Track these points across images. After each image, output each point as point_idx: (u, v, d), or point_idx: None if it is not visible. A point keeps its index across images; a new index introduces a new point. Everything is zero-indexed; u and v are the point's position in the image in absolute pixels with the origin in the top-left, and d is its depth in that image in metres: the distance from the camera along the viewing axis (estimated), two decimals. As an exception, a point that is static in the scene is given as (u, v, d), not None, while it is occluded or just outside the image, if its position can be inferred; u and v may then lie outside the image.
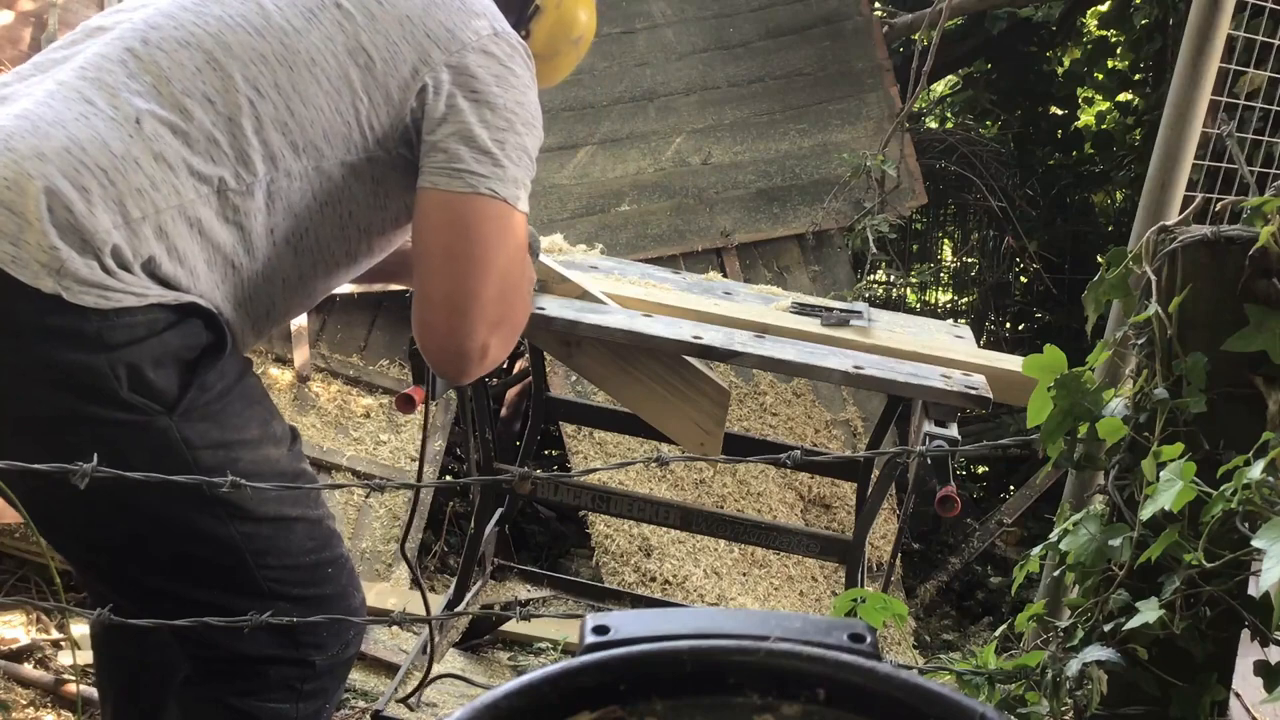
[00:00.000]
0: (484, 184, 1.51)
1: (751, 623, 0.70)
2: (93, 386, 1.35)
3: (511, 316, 1.63)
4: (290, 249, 1.54)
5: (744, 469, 4.15)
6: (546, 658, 3.37)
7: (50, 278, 1.32)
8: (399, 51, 1.53)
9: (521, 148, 1.57)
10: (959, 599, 4.90)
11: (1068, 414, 1.34)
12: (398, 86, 1.53)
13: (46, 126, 1.37)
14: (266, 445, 1.50)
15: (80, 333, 1.34)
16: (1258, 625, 1.26)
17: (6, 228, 1.32)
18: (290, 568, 1.51)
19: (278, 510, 1.50)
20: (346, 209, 1.57)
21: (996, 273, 6.59)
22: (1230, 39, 2.57)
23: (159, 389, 1.38)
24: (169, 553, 1.46)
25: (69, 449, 1.31)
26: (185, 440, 1.40)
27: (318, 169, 1.51)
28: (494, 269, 1.53)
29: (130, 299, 1.36)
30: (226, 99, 1.45)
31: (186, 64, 1.45)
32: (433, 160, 1.52)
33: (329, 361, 4.14)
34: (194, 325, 1.43)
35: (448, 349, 1.55)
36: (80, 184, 1.34)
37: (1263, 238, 1.24)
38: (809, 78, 4.97)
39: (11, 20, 3.79)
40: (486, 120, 1.53)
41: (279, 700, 1.55)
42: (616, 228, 4.61)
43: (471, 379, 1.62)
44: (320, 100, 1.50)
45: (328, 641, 1.57)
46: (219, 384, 1.45)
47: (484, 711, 0.63)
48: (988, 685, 1.42)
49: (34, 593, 2.99)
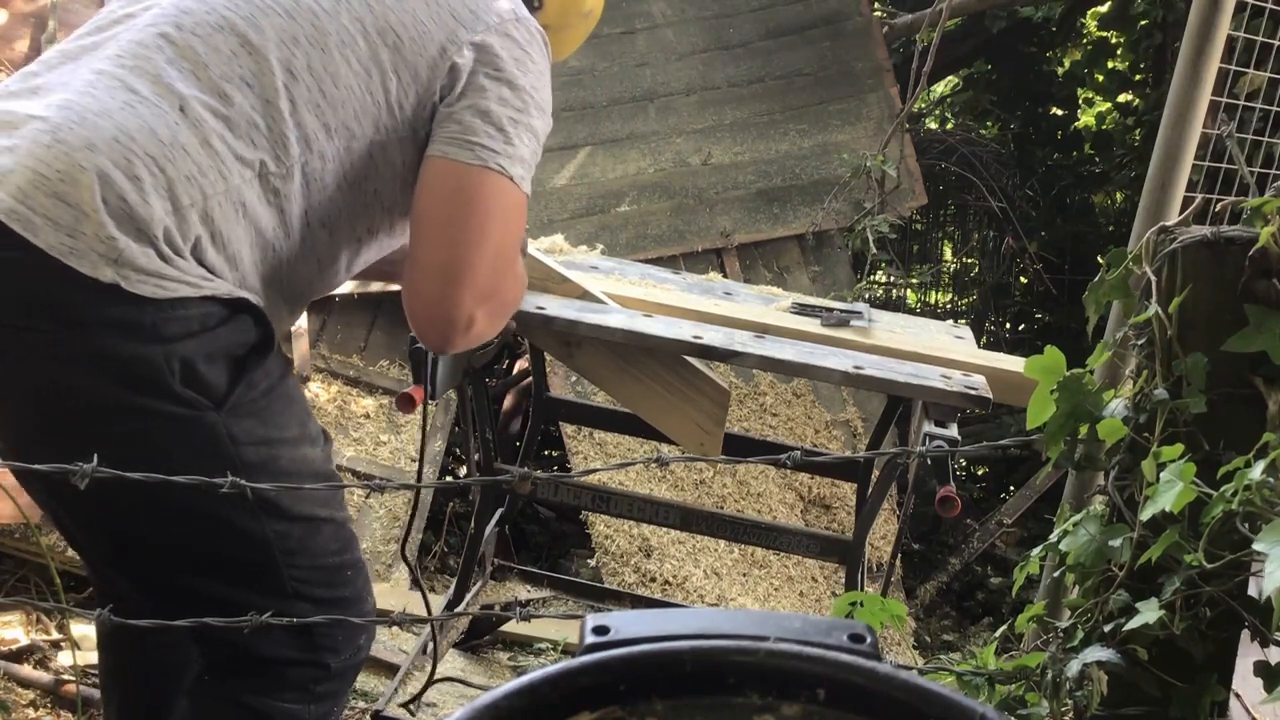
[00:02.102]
0: (493, 159, 1.53)
1: (751, 623, 0.70)
2: (147, 378, 1.36)
3: (501, 292, 1.64)
4: (325, 230, 1.56)
5: (744, 469, 4.14)
6: (546, 658, 3.37)
7: (109, 267, 1.33)
8: (426, 30, 1.55)
9: (531, 130, 1.59)
10: (959, 599, 4.90)
11: (1068, 415, 1.34)
12: (426, 65, 1.54)
13: (94, 117, 1.37)
14: (304, 444, 1.52)
15: (138, 324, 1.35)
16: (1258, 626, 1.25)
17: (63, 219, 1.32)
18: (315, 568, 1.53)
19: (310, 510, 1.51)
20: (373, 187, 1.59)
21: (996, 273, 6.60)
22: (1230, 39, 2.57)
23: (210, 384, 1.40)
24: (201, 548, 1.47)
25: (118, 439, 1.33)
26: (231, 436, 1.42)
27: (348, 149, 1.53)
28: (490, 242, 1.55)
29: (186, 289, 1.37)
30: (263, 82, 1.46)
31: (222, 48, 1.46)
32: (446, 130, 1.54)
33: (329, 362, 4.14)
34: (244, 322, 1.45)
35: (435, 316, 1.56)
36: (132, 173, 1.35)
37: (1263, 238, 1.24)
38: (809, 78, 4.97)
39: (9, 20, 3.79)
40: (504, 98, 1.55)
41: (293, 700, 1.56)
42: (616, 228, 4.61)
43: (455, 349, 1.63)
44: (351, 80, 1.51)
45: (342, 645, 1.58)
46: (264, 382, 1.47)
47: (484, 711, 0.63)
48: (988, 686, 1.42)
49: (34, 593, 2.98)
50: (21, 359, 1.37)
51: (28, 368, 1.37)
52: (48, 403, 1.38)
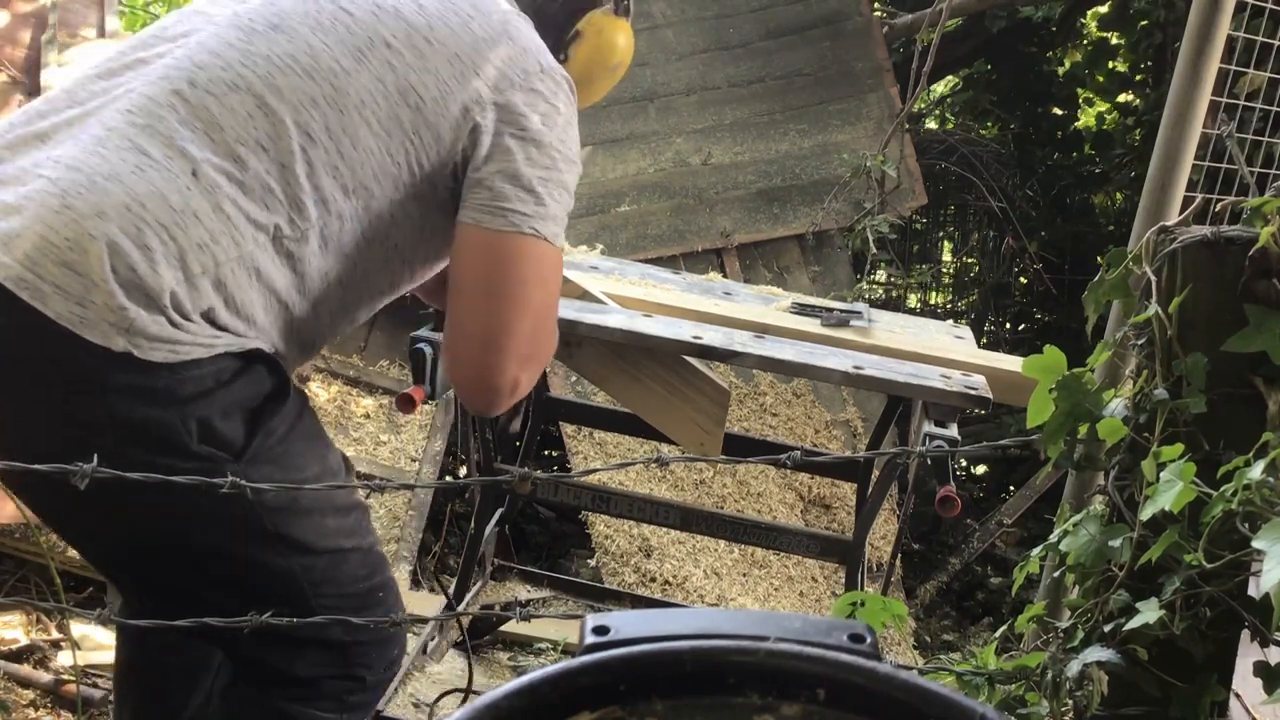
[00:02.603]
0: (527, 223, 1.51)
1: (751, 623, 0.70)
2: (165, 439, 1.35)
3: (541, 350, 1.63)
4: (342, 287, 1.54)
5: (744, 469, 4.14)
6: (546, 658, 3.37)
7: (121, 337, 1.31)
8: (449, 90, 1.50)
9: (563, 185, 1.57)
10: (959, 599, 4.90)
11: (1068, 415, 1.34)
12: (449, 126, 1.51)
13: (103, 181, 1.34)
14: (326, 479, 1.51)
15: (151, 390, 1.33)
16: (1258, 626, 1.25)
17: (72, 289, 1.30)
18: (345, 596, 1.53)
19: (335, 543, 1.51)
20: (393, 242, 1.56)
21: (996, 273, 6.58)
22: (1230, 40, 2.57)
23: (227, 439, 1.39)
24: (229, 585, 1.47)
25: (139, 500, 1.31)
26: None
27: (366, 208, 1.50)
28: (530, 306, 1.53)
29: (199, 350, 1.36)
30: (279, 145, 1.42)
31: (238, 109, 1.42)
32: (476, 196, 1.51)
33: (329, 362, 4.14)
34: (258, 372, 1.43)
35: (479, 383, 1.55)
36: (143, 242, 1.33)
37: (1263, 238, 1.24)
38: (809, 78, 4.97)
39: (9, 21, 3.79)
40: (532, 158, 1.53)
41: (327, 710, 1.57)
42: (616, 228, 4.61)
43: (501, 411, 1.63)
44: (370, 142, 1.47)
45: (375, 661, 1.59)
46: (281, 428, 1.45)
47: (484, 711, 0.63)
48: (988, 686, 1.41)
49: (34, 593, 2.98)
50: (37, 423, 1.37)
51: (43, 433, 1.36)
52: (80, 461, 1.37)
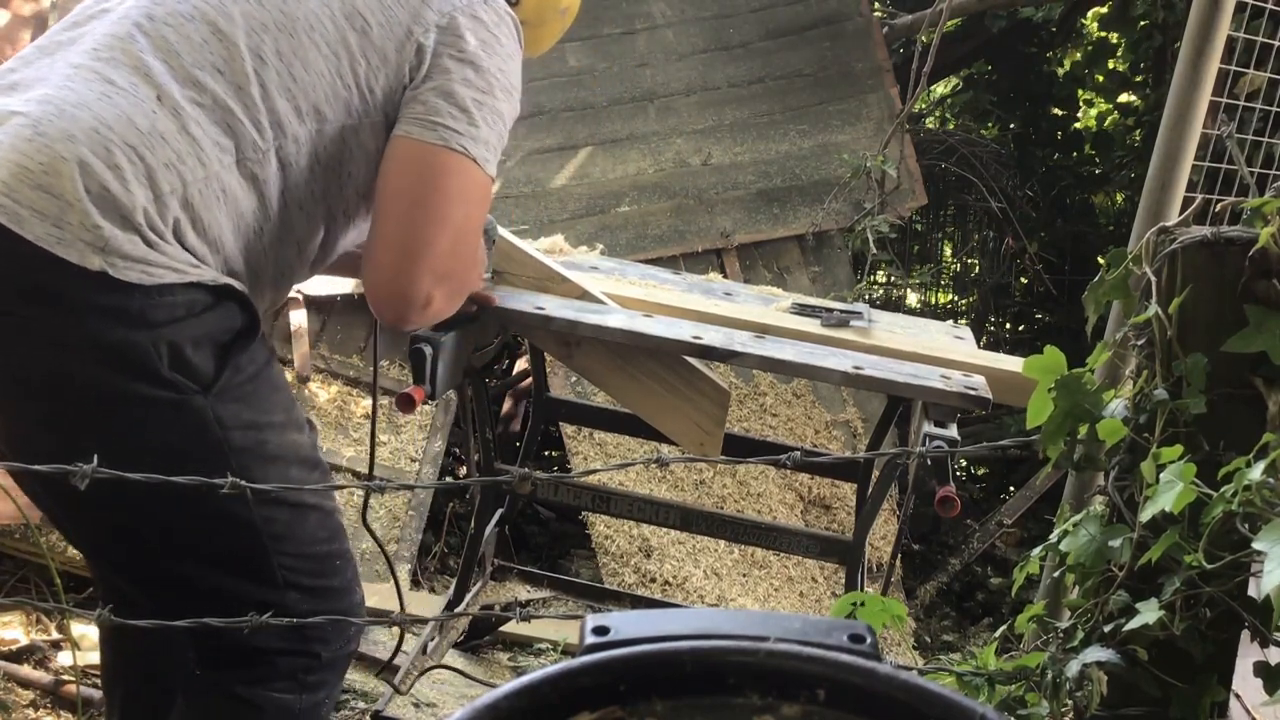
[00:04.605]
0: (456, 140, 1.55)
1: (751, 623, 0.70)
2: (138, 363, 1.38)
3: (459, 272, 1.66)
4: (303, 212, 1.58)
5: (744, 470, 4.14)
6: (546, 658, 3.37)
7: (97, 255, 1.34)
8: (393, 14, 1.58)
9: (497, 113, 1.61)
10: (959, 600, 4.90)
11: (1068, 415, 1.34)
12: (394, 48, 1.57)
13: (71, 109, 1.39)
14: (291, 430, 1.54)
15: (125, 310, 1.36)
16: (1258, 626, 1.26)
17: (48, 210, 1.34)
18: (304, 556, 1.54)
19: (297, 496, 1.52)
20: (347, 170, 1.61)
21: (996, 274, 6.59)
22: (1230, 40, 2.57)
23: (197, 368, 1.42)
24: (191, 535, 1.48)
25: (113, 426, 1.35)
26: (219, 420, 1.43)
27: (320, 132, 1.55)
28: (451, 222, 1.57)
29: (172, 275, 1.39)
30: (233, 68, 1.49)
31: (193, 36, 1.49)
32: (411, 110, 1.57)
33: (329, 362, 4.14)
34: (230, 308, 1.47)
35: (393, 291, 1.57)
36: (113, 162, 1.37)
37: (1263, 239, 1.24)
38: (809, 78, 4.97)
39: (9, 21, 3.79)
40: (469, 79, 1.58)
41: (284, 690, 1.57)
42: (616, 228, 4.61)
43: (410, 326, 1.65)
44: (320, 65, 1.54)
45: (332, 636, 1.59)
46: (250, 367, 1.48)
47: (484, 711, 0.63)
48: (988, 686, 1.41)
49: (34, 593, 2.98)
50: (17, 346, 1.39)
51: (24, 354, 1.39)
52: (45, 389, 1.39)
